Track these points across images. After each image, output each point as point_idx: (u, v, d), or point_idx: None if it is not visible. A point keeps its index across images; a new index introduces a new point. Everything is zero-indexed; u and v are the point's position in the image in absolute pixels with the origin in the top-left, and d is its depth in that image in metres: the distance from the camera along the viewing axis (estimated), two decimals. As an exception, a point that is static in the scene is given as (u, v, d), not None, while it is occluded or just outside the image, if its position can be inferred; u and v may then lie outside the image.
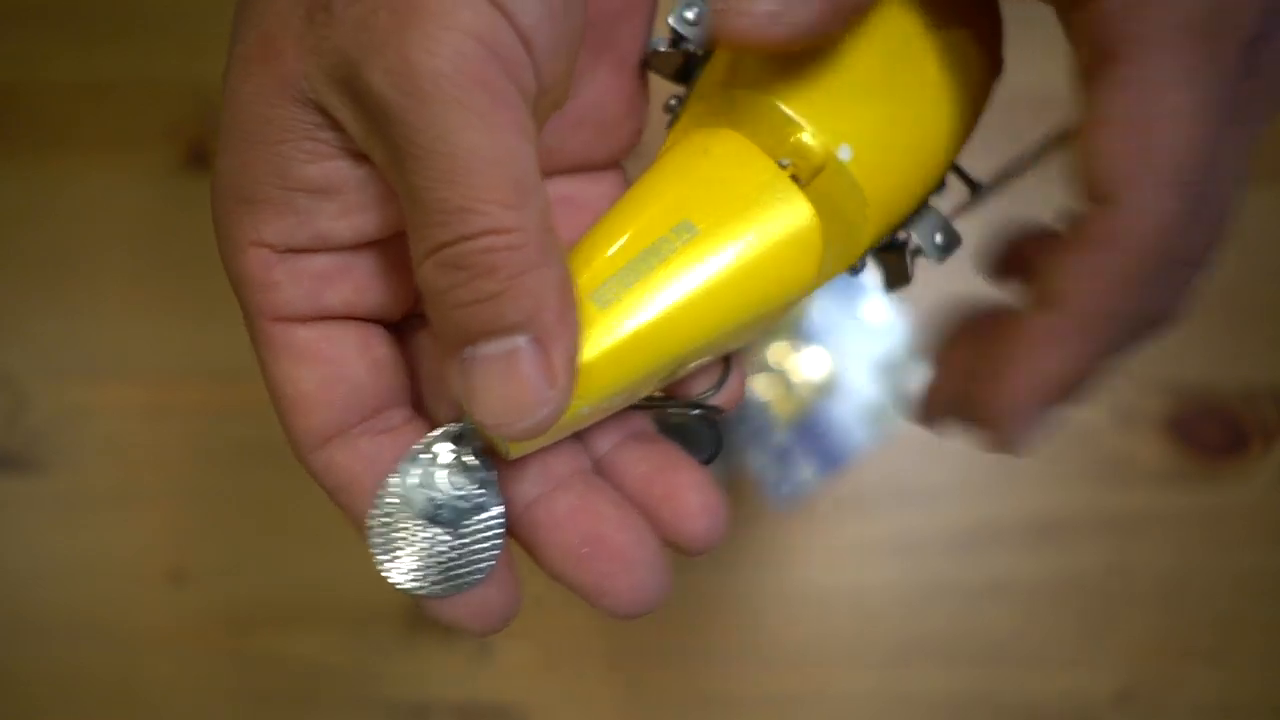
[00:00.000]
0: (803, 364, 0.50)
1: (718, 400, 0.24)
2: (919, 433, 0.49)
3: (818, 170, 0.22)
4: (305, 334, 0.19)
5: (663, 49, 0.24)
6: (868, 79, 0.22)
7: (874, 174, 0.22)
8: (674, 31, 0.23)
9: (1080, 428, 0.49)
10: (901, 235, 0.24)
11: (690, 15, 0.23)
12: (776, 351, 0.50)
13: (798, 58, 0.21)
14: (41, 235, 0.51)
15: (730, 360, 0.24)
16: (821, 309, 0.50)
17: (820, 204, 0.22)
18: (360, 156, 0.19)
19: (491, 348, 0.17)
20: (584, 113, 0.23)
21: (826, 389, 0.49)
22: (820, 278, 0.22)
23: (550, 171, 0.24)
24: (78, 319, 0.49)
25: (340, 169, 0.18)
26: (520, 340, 0.17)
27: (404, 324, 0.22)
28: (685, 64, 0.24)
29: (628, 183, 0.25)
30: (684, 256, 0.20)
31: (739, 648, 0.47)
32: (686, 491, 0.21)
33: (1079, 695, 0.47)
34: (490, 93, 0.17)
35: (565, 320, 0.18)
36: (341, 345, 0.20)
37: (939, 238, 0.24)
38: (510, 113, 0.17)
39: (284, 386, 0.19)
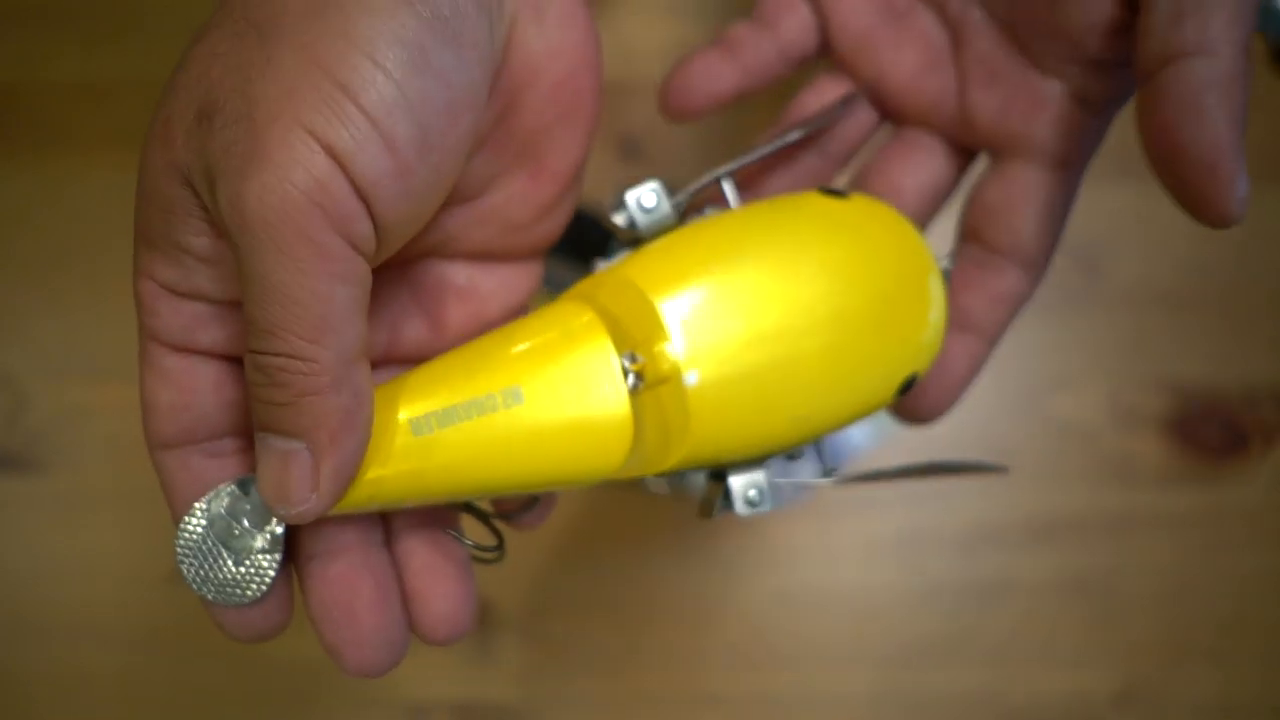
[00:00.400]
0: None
1: (523, 521, 0.26)
2: (919, 433, 0.49)
3: (661, 380, 0.23)
4: (172, 361, 0.22)
5: (618, 221, 0.25)
6: (764, 331, 0.23)
7: (710, 411, 0.23)
8: (628, 209, 0.25)
9: (1080, 428, 0.49)
10: (726, 474, 0.25)
11: (645, 202, 0.25)
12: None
13: (709, 279, 0.23)
14: (41, 235, 0.51)
15: (537, 498, 0.26)
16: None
17: (647, 408, 0.23)
18: None
19: (276, 442, 0.20)
20: (490, 212, 0.24)
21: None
22: (619, 474, 0.24)
23: (453, 256, 0.25)
24: (78, 319, 0.49)
25: (219, 246, 0.21)
26: (297, 445, 0.20)
27: None
28: (634, 239, 0.25)
29: (538, 276, 0.26)
30: (502, 419, 0.22)
31: (739, 648, 0.47)
32: (439, 600, 0.24)
33: (1079, 695, 0.47)
34: (308, 243, 0.19)
35: (338, 442, 0.20)
36: (198, 378, 0.22)
37: (751, 493, 0.25)
38: (325, 262, 0.19)
39: (144, 393, 0.22)
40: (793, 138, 0.27)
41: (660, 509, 0.48)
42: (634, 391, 0.23)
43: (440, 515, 0.25)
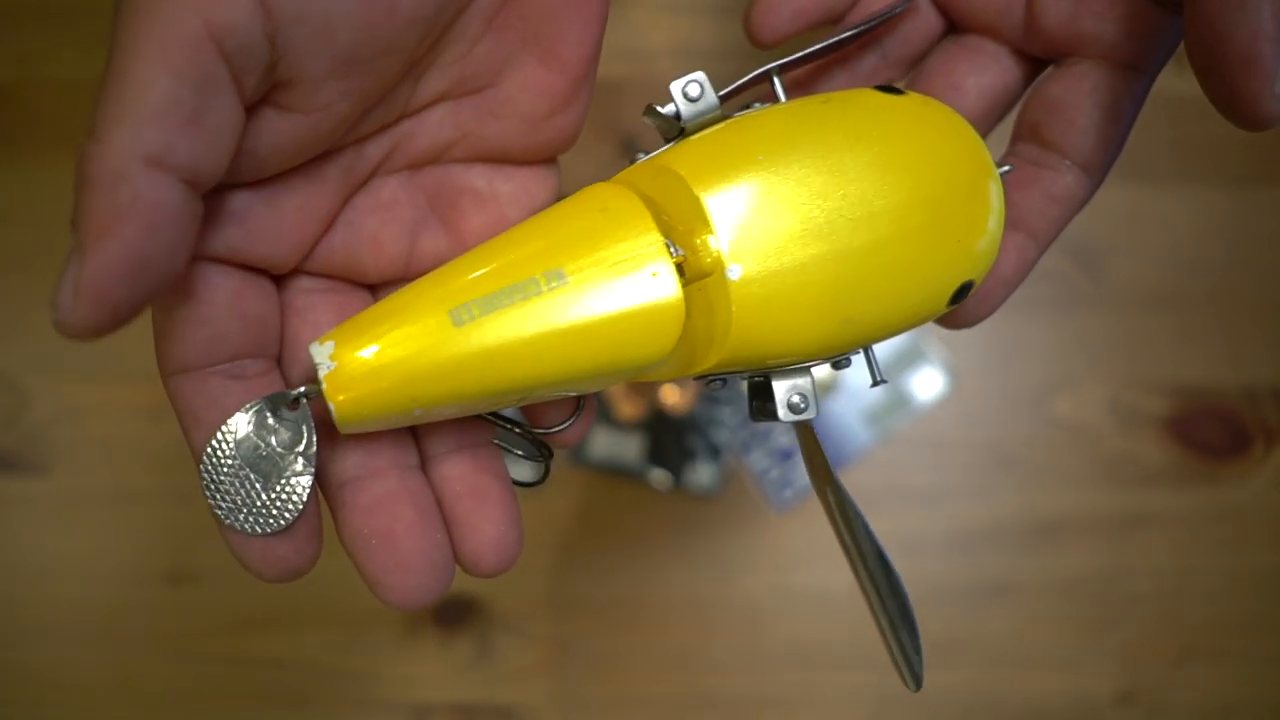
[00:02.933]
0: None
1: (564, 436, 0.25)
2: (919, 433, 0.49)
3: (703, 274, 0.22)
4: (187, 274, 0.20)
5: (661, 110, 0.24)
6: (812, 228, 0.22)
7: (753, 308, 0.22)
8: (673, 100, 0.24)
9: (1081, 428, 0.49)
10: (771, 378, 0.24)
11: (691, 92, 0.23)
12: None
13: (754, 173, 0.22)
14: (41, 235, 0.51)
15: (582, 401, 0.25)
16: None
17: (690, 302, 0.22)
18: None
19: (71, 241, 0.18)
20: (504, 102, 0.23)
21: (826, 389, 0.49)
22: (663, 367, 0.22)
23: (468, 158, 0.24)
24: (78, 319, 0.49)
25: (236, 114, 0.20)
26: (74, 243, 0.18)
27: (288, 278, 0.23)
28: (677, 132, 0.24)
29: (557, 184, 0.25)
30: (546, 302, 0.21)
31: (739, 648, 0.47)
32: (486, 524, 0.23)
33: (1079, 695, 0.47)
34: (161, 20, 0.18)
35: (100, 244, 0.18)
36: (216, 291, 0.21)
37: (795, 398, 0.24)
38: (168, 48, 0.18)
39: (157, 312, 0.21)
40: (848, 35, 0.26)
41: (660, 509, 0.48)
42: None
43: (476, 438, 0.23)
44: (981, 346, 0.50)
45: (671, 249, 0.22)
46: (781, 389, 0.24)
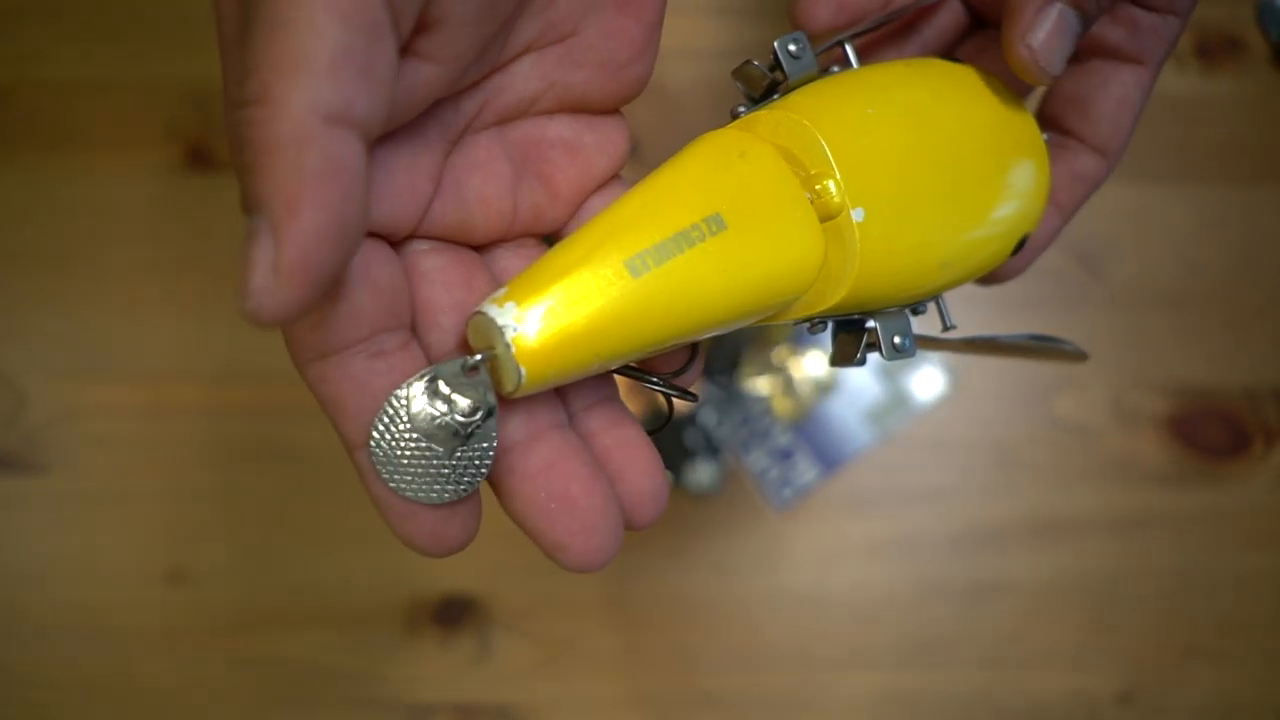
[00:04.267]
0: (803, 364, 0.50)
1: (684, 379, 0.25)
2: (919, 433, 0.49)
3: (829, 217, 0.23)
4: None
5: (757, 65, 0.25)
6: (918, 176, 0.24)
7: (872, 249, 0.23)
8: (774, 56, 0.25)
9: (1081, 428, 0.49)
10: (869, 322, 0.26)
11: (793, 48, 0.25)
12: (778, 352, 0.50)
13: (867, 124, 0.24)
14: (41, 235, 0.51)
15: (696, 346, 0.25)
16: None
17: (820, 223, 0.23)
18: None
19: (251, 222, 0.17)
20: (586, 51, 0.24)
21: (826, 389, 0.49)
22: (794, 307, 0.24)
23: (553, 109, 0.24)
24: (77, 319, 0.49)
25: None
26: (259, 221, 0.17)
27: (404, 244, 0.22)
28: (769, 88, 0.25)
29: (630, 134, 0.26)
30: (711, 246, 0.21)
31: (739, 648, 0.47)
32: (641, 476, 0.22)
33: (1080, 695, 0.47)
34: None
35: (296, 212, 0.16)
36: None
37: (898, 339, 0.26)
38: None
39: None
40: (895, 12, 0.28)
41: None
42: None
43: (609, 390, 0.24)
44: (982, 346, 0.50)
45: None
46: (886, 329, 0.26)
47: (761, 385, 0.49)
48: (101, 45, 0.52)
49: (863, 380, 0.49)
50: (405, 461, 0.20)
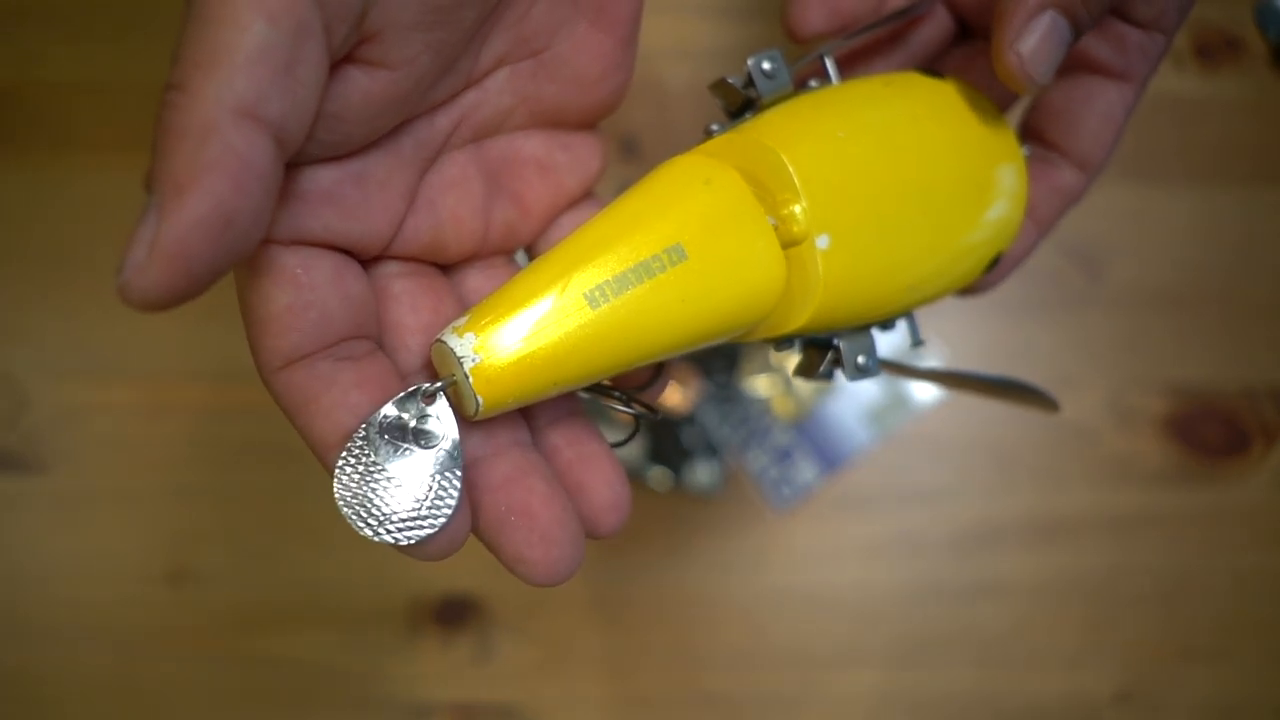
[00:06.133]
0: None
1: (646, 396, 0.25)
2: (918, 433, 0.49)
3: (793, 242, 0.23)
4: (285, 257, 0.20)
5: (731, 81, 0.25)
6: (888, 200, 0.24)
7: (837, 276, 0.23)
8: (748, 74, 0.25)
9: (1080, 428, 0.49)
10: (836, 340, 0.26)
11: (767, 67, 0.25)
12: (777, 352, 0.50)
13: (836, 147, 0.24)
14: (42, 235, 0.51)
15: (663, 366, 0.25)
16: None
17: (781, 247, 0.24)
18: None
19: (146, 201, 0.17)
20: (559, 65, 0.24)
21: (826, 389, 0.49)
22: (755, 330, 0.24)
23: (527, 125, 0.25)
24: (78, 319, 0.49)
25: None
26: (150, 201, 0.17)
27: (377, 265, 0.23)
28: (743, 105, 0.26)
29: (605, 152, 0.26)
30: (671, 277, 0.22)
31: (739, 648, 0.47)
32: (602, 486, 0.23)
33: (1079, 695, 0.47)
34: None
35: (183, 199, 0.16)
36: (316, 272, 0.20)
37: (862, 359, 0.26)
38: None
39: (257, 306, 0.20)
40: (879, 22, 0.28)
41: (660, 509, 0.48)
42: None
43: (572, 406, 0.24)
44: (982, 346, 0.50)
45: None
46: (850, 349, 0.26)
47: (761, 385, 0.49)
48: (102, 45, 0.52)
49: (862, 380, 0.49)
50: (367, 498, 0.20)
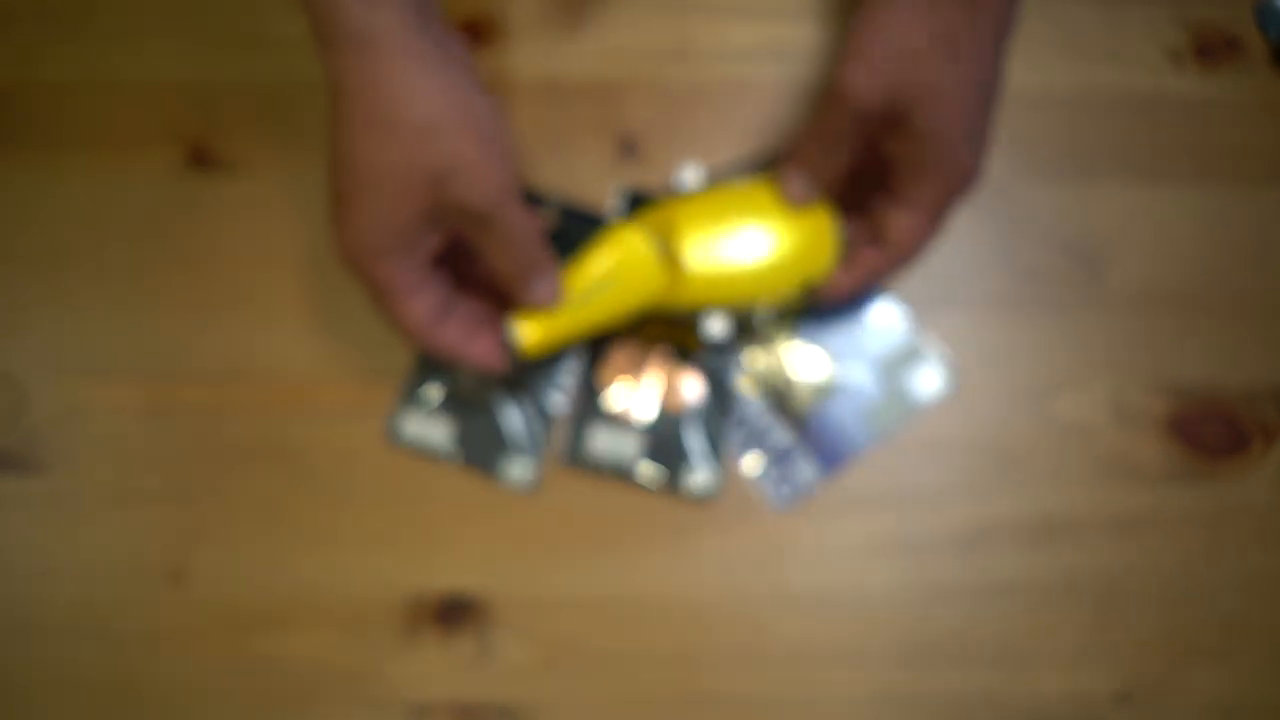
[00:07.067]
0: (803, 364, 0.50)
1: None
2: (919, 433, 0.49)
3: (674, 259, 0.44)
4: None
5: (674, 181, 0.47)
6: (729, 239, 0.44)
7: (696, 284, 0.44)
8: (684, 177, 0.47)
9: (1081, 428, 0.49)
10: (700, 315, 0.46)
11: (693, 176, 0.46)
12: (777, 352, 0.50)
13: (703, 209, 0.45)
14: (42, 235, 0.51)
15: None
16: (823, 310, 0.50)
17: (665, 266, 0.45)
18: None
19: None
20: None
21: (826, 389, 0.49)
22: (656, 301, 0.45)
23: None
24: (78, 318, 0.49)
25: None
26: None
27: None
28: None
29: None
30: (610, 293, 0.44)
31: (739, 648, 0.47)
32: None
33: (1080, 695, 0.47)
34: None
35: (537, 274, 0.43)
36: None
37: (715, 327, 0.45)
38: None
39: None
40: (754, 167, 0.51)
41: (659, 508, 0.48)
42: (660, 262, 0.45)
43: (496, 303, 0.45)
44: (982, 346, 0.50)
45: (660, 248, 0.45)
46: (707, 319, 0.46)
47: (761, 386, 0.49)
48: (102, 45, 0.52)
49: (862, 380, 0.49)
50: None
